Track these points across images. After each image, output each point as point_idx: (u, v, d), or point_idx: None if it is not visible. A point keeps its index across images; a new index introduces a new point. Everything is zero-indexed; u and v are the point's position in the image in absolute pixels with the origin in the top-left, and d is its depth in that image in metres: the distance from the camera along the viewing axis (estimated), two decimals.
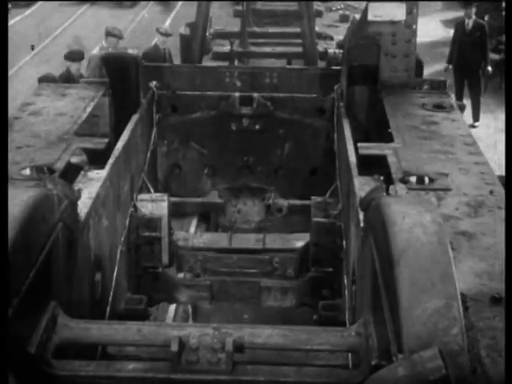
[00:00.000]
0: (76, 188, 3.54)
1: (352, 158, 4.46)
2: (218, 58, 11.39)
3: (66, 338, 2.93)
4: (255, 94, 6.04)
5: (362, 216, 3.44)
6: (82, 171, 4.20)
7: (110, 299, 4.21)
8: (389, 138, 4.61)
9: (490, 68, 13.17)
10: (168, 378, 2.76)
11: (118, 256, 4.50)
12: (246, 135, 6.13)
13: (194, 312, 6.37)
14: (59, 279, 3.15)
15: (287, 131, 6.15)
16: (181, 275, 5.31)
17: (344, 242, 4.74)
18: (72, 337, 2.94)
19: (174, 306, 6.15)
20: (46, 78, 8.15)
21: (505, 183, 3.81)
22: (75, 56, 9.90)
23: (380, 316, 2.70)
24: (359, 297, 3.60)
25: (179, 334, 2.82)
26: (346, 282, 4.50)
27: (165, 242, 5.17)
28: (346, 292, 4.39)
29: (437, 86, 5.55)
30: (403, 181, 3.92)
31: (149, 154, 5.79)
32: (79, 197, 3.47)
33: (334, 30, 15.91)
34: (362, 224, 3.46)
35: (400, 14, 5.37)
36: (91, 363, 2.88)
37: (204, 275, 5.25)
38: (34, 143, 4.37)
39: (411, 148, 4.39)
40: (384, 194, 3.20)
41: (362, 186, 3.94)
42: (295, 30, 11.64)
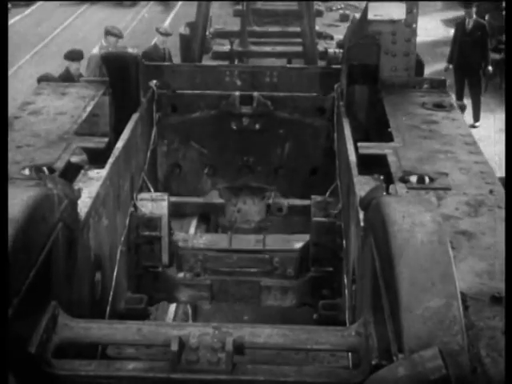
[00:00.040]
0: (76, 187, 3.53)
1: (352, 157, 4.46)
2: (218, 57, 11.35)
3: (66, 337, 2.92)
4: (255, 93, 6.03)
5: (362, 215, 3.43)
6: (82, 170, 4.20)
7: (110, 299, 4.21)
8: (389, 138, 4.61)
9: (490, 68, 13.15)
10: (168, 377, 2.76)
11: (118, 255, 4.50)
12: (246, 135, 6.12)
13: (193, 314, 6.36)
14: (59, 279, 3.15)
15: (287, 130, 6.14)
16: (181, 274, 5.31)
17: (344, 241, 4.74)
18: (72, 336, 2.94)
19: (174, 306, 6.14)
20: (45, 77, 8.12)
21: (505, 183, 3.81)
22: (75, 56, 9.90)
23: (380, 315, 2.69)
24: (359, 296, 3.60)
25: (179, 333, 2.82)
26: (346, 281, 4.50)
27: (165, 242, 5.17)
28: (346, 291, 4.39)
29: (437, 85, 5.55)
30: (403, 180, 3.92)
31: (149, 153, 5.78)
32: (79, 196, 3.46)
33: (334, 30, 15.93)
34: (362, 223, 3.46)
35: (400, 13, 5.37)
36: (91, 363, 2.87)
37: (204, 274, 5.25)
38: (34, 142, 4.37)
39: (411, 147, 4.38)
40: (384, 193, 3.20)
41: (362, 185, 3.94)
42: (295, 29, 11.62)
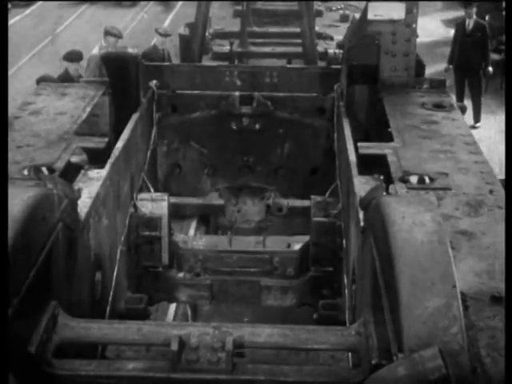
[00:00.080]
0: (76, 187, 3.54)
1: (352, 157, 4.46)
2: (218, 58, 11.32)
3: (66, 337, 2.93)
4: (255, 94, 6.03)
5: (361, 215, 3.44)
6: (82, 170, 4.20)
7: (110, 299, 4.21)
8: (389, 138, 4.61)
9: (490, 68, 13.08)
10: (168, 377, 2.76)
11: (118, 255, 4.50)
12: (246, 135, 6.12)
13: (193, 316, 6.35)
14: (59, 279, 3.15)
15: (287, 131, 6.14)
16: (181, 274, 5.31)
17: (344, 241, 4.74)
18: (72, 336, 2.94)
19: (174, 306, 6.14)
20: (44, 79, 8.12)
21: (505, 183, 3.81)
22: (74, 57, 9.87)
23: (380, 315, 2.70)
24: (359, 296, 3.60)
25: (179, 333, 2.82)
26: (346, 281, 4.50)
27: (165, 242, 5.17)
28: (346, 291, 4.39)
29: (436, 85, 5.55)
30: (403, 180, 3.92)
31: (149, 153, 5.78)
32: (79, 196, 3.46)
33: (334, 30, 15.90)
34: (361, 223, 3.46)
35: (400, 13, 5.37)
36: (91, 362, 2.88)
37: (204, 274, 5.25)
38: (34, 143, 4.37)
39: (411, 147, 4.39)
40: (384, 193, 3.20)
41: (362, 185, 3.94)
42: (295, 29, 11.61)
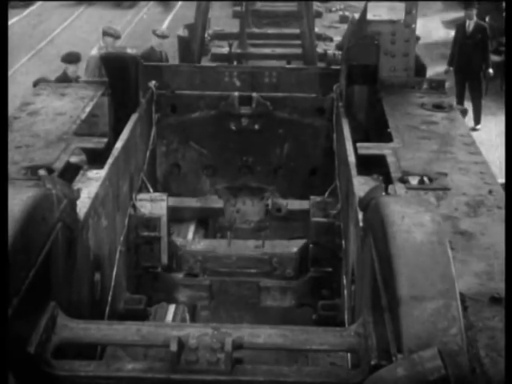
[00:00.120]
0: (75, 188, 3.54)
1: (351, 157, 4.46)
2: (217, 59, 11.25)
3: (65, 338, 2.92)
4: (254, 94, 6.03)
5: (361, 216, 3.44)
6: (81, 171, 4.20)
7: (109, 299, 4.21)
8: (388, 138, 4.61)
9: (491, 70, 13.02)
10: (167, 378, 2.76)
11: (117, 256, 4.50)
12: (246, 135, 6.12)
13: (191, 319, 6.34)
14: (59, 279, 3.15)
15: (287, 131, 6.14)
16: (180, 275, 5.31)
17: (343, 241, 4.74)
18: (71, 337, 2.94)
19: (173, 307, 6.14)
20: (41, 81, 8.11)
21: (505, 183, 3.81)
22: (72, 58, 9.84)
23: (379, 316, 2.69)
24: (358, 297, 3.60)
25: (178, 333, 2.82)
26: (345, 281, 4.50)
27: (164, 242, 5.17)
28: (346, 292, 4.39)
29: (436, 85, 5.55)
30: (402, 180, 3.92)
31: (148, 153, 5.78)
32: (78, 196, 3.46)
33: (334, 31, 15.90)
34: (361, 224, 3.46)
35: (399, 13, 5.37)
36: (91, 363, 2.87)
37: (203, 275, 5.24)
38: (34, 143, 4.37)
39: (410, 148, 4.39)
40: (383, 193, 3.20)
41: (361, 185, 3.94)
42: (294, 31, 11.58)
